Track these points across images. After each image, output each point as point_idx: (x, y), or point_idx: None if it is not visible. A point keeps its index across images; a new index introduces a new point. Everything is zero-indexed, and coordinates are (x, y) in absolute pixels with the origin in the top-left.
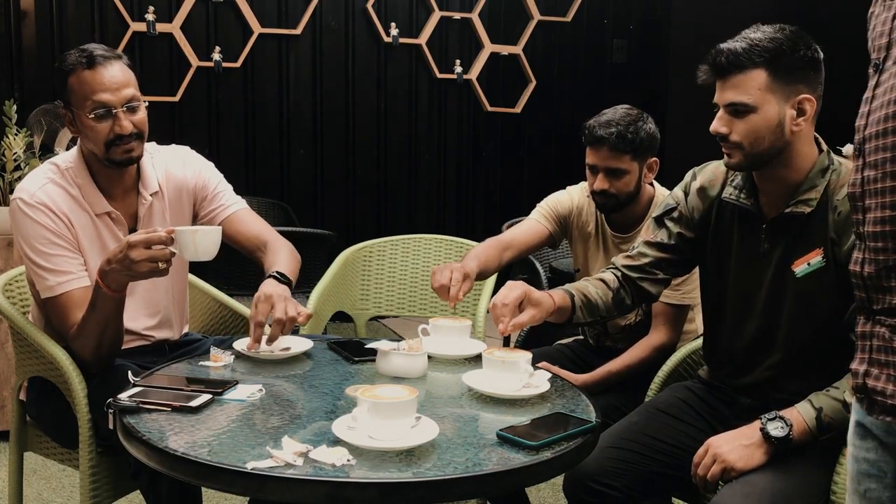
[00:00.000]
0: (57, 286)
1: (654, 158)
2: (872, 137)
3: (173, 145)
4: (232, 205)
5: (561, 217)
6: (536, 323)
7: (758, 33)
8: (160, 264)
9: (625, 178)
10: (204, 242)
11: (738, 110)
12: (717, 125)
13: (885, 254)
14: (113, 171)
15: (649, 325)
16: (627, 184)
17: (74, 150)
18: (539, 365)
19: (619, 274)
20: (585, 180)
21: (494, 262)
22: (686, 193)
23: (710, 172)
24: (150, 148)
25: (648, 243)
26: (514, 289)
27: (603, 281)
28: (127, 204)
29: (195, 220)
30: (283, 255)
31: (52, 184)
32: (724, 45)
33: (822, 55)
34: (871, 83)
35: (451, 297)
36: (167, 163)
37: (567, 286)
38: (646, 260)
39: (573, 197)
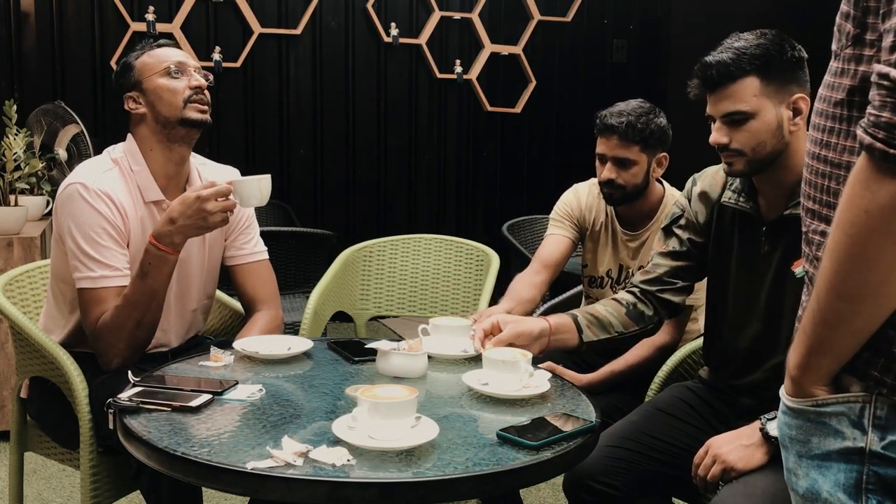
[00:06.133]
0: (100, 279)
1: (664, 154)
2: None
3: (224, 165)
4: (259, 252)
5: (574, 217)
6: (536, 350)
7: (741, 42)
8: (229, 214)
9: (633, 169)
10: (267, 188)
11: (737, 119)
12: (717, 136)
13: None
14: (172, 153)
15: None
16: (635, 175)
17: (123, 145)
18: (543, 365)
19: (636, 290)
20: (586, 179)
21: (532, 291)
22: (689, 200)
23: (709, 177)
24: (201, 159)
25: (661, 254)
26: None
27: (614, 300)
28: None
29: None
30: (258, 329)
31: (111, 173)
32: (710, 58)
33: (806, 55)
34: None
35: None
36: (214, 177)
37: (567, 312)
38: (661, 270)
39: (580, 195)
